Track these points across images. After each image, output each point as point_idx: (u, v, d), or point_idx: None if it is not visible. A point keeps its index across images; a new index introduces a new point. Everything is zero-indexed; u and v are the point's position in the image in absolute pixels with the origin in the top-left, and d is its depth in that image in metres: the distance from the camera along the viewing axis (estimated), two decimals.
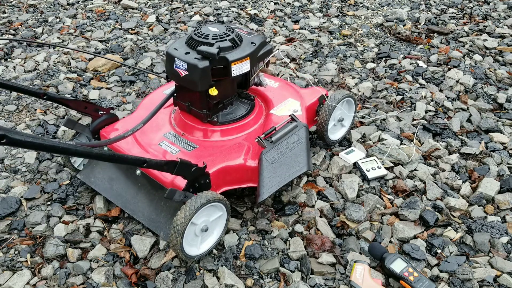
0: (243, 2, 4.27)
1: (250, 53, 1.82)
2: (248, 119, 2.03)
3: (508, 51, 3.27)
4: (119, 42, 3.52)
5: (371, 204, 2.02)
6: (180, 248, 1.63)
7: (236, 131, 1.99)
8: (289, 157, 1.88)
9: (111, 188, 1.96)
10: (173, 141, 1.94)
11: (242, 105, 2.06)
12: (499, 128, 2.50)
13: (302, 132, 1.97)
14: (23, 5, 4.22)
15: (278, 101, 2.17)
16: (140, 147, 1.89)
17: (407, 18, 3.90)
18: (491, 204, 2.04)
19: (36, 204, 2.07)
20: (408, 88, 2.89)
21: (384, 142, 2.38)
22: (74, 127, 1.91)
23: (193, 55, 1.75)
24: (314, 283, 1.71)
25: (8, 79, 3.01)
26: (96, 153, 1.32)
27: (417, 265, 1.77)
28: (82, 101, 1.92)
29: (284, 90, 2.27)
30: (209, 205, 1.67)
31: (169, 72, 1.84)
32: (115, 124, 2.01)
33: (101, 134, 1.97)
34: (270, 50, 1.97)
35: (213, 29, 1.84)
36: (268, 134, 1.90)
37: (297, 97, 2.21)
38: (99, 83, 2.99)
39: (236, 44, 1.82)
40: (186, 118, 1.99)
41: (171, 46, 1.83)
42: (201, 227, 1.70)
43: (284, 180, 1.83)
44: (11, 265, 1.79)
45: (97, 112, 1.97)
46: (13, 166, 2.30)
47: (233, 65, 1.78)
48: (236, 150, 1.88)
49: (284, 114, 2.07)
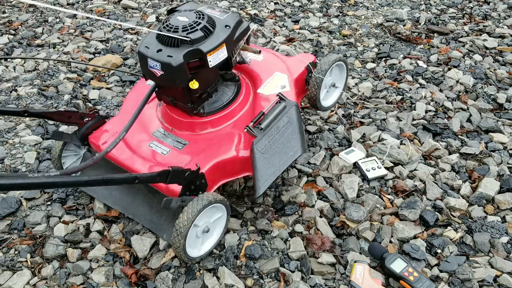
0: (243, 2, 4.27)
1: (225, 39, 1.71)
2: (235, 103, 1.92)
3: (508, 51, 3.27)
4: (119, 42, 3.52)
5: (371, 204, 2.02)
6: (183, 250, 1.62)
7: (225, 119, 1.89)
8: (281, 143, 1.79)
9: (109, 194, 1.93)
10: (162, 139, 1.87)
11: (227, 89, 1.95)
12: (499, 128, 2.50)
13: (292, 113, 1.86)
14: (23, 5, 4.22)
15: (265, 76, 2.05)
16: (130, 151, 1.82)
17: (407, 18, 3.90)
18: (491, 204, 2.04)
19: (36, 204, 2.07)
20: (408, 88, 2.89)
21: (384, 142, 2.38)
22: (61, 138, 1.86)
23: (165, 52, 1.64)
24: (314, 283, 1.71)
25: (8, 79, 3.02)
26: (85, 181, 1.32)
27: (417, 265, 1.77)
28: (65, 111, 1.82)
29: (270, 63, 2.13)
30: (210, 207, 1.66)
31: (145, 72, 1.74)
32: (103, 127, 1.92)
33: (90, 140, 1.90)
34: (247, 29, 1.85)
35: (183, 19, 1.70)
36: (257, 120, 1.81)
37: (284, 69, 2.08)
38: (99, 83, 2.99)
39: (209, 31, 1.70)
40: (173, 112, 1.91)
41: (142, 44, 1.70)
42: (203, 228, 1.70)
43: (279, 170, 1.76)
44: (11, 265, 1.79)
45: (83, 120, 1.90)
46: (13, 166, 2.30)
47: (208, 56, 1.67)
48: (227, 141, 1.81)
49: (272, 93, 1.96)
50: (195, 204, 1.60)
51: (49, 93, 2.85)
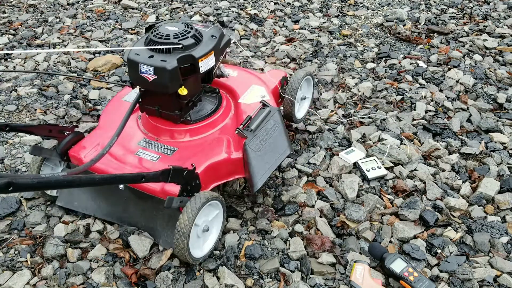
0: (243, 2, 4.27)
1: (213, 47, 1.81)
2: (219, 112, 2.00)
3: (508, 51, 3.27)
4: (119, 42, 3.52)
5: (371, 204, 2.02)
6: (187, 251, 1.62)
7: (211, 126, 1.97)
8: (271, 143, 1.88)
9: (99, 207, 1.93)
10: (149, 148, 1.90)
11: (209, 99, 2.04)
12: (499, 128, 2.50)
13: (277, 116, 1.97)
14: (23, 5, 4.22)
15: (243, 89, 2.15)
16: (119, 162, 1.82)
17: (407, 18, 3.90)
18: (491, 204, 2.04)
19: (36, 204, 2.07)
20: (408, 88, 2.89)
21: (384, 142, 2.38)
22: (41, 153, 1.84)
23: (158, 57, 1.71)
24: (314, 283, 1.71)
25: (8, 79, 3.02)
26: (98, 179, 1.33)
27: (417, 265, 1.77)
28: (45, 124, 1.81)
29: (245, 78, 2.25)
30: (208, 204, 1.67)
31: (134, 78, 1.78)
32: (82, 141, 1.92)
33: (70, 155, 1.89)
34: (228, 41, 1.96)
35: (172, 28, 1.80)
36: (246, 123, 1.89)
37: (260, 82, 2.20)
38: (99, 83, 2.99)
39: (198, 40, 1.80)
40: (157, 122, 1.94)
41: (130, 52, 1.76)
42: (203, 227, 1.70)
43: (273, 166, 1.85)
44: (11, 265, 1.79)
45: (63, 133, 1.89)
46: (13, 166, 2.30)
47: (200, 62, 1.76)
48: (216, 145, 1.87)
49: (253, 102, 2.07)
50: (194, 203, 1.61)
51: (49, 93, 2.85)
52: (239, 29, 3.71)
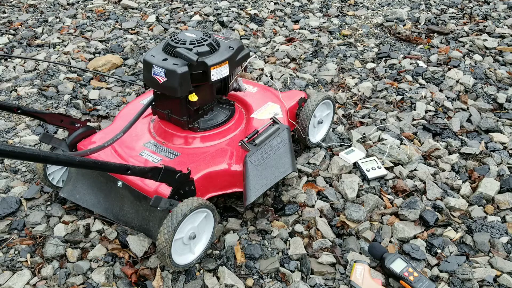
0: (243, 2, 4.27)
1: (228, 57, 1.82)
2: (229, 124, 2.01)
3: (508, 51, 3.27)
4: (119, 42, 3.52)
5: (371, 204, 2.02)
6: (168, 256, 1.59)
7: (218, 136, 1.97)
8: (273, 159, 1.87)
9: (98, 202, 1.93)
10: (154, 150, 1.91)
11: (222, 110, 2.05)
12: (499, 128, 2.50)
13: (285, 134, 1.97)
14: (23, 5, 4.22)
15: (258, 105, 2.16)
16: (119, 158, 1.84)
17: (407, 18, 3.90)
18: (491, 204, 2.04)
19: (36, 204, 2.07)
20: (408, 88, 2.89)
21: (384, 142, 2.38)
22: (50, 142, 1.85)
23: (171, 61, 1.74)
24: (314, 283, 1.71)
25: (8, 79, 3.02)
26: (78, 161, 1.30)
27: (417, 265, 1.77)
28: (58, 114, 1.82)
29: (263, 95, 2.26)
30: (196, 211, 1.64)
31: (147, 79, 1.81)
32: (92, 137, 1.95)
33: (79, 148, 1.92)
34: (247, 55, 1.96)
35: (190, 35, 1.83)
36: (251, 137, 1.89)
37: (276, 100, 2.21)
38: (99, 83, 2.99)
39: (214, 48, 1.82)
40: (166, 126, 1.96)
41: (147, 54, 1.80)
42: (189, 234, 1.68)
43: (270, 182, 1.82)
44: (11, 265, 1.79)
45: (74, 125, 1.91)
46: (13, 166, 2.30)
47: (212, 70, 1.76)
48: (220, 155, 1.87)
49: (265, 118, 2.07)
50: (180, 209, 1.58)
51: (49, 93, 2.85)
52: (239, 29, 3.72)
